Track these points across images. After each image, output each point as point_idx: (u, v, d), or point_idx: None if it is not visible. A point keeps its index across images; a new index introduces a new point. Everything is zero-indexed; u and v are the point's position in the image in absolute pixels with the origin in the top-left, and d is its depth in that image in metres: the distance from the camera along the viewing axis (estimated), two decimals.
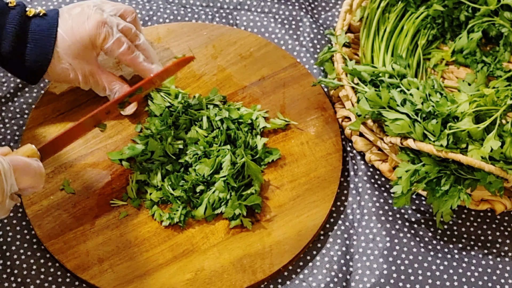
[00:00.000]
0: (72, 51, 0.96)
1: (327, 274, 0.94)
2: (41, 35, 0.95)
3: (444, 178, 0.90)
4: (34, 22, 0.96)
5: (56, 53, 0.95)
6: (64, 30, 0.96)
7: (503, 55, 1.11)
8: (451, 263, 0.95)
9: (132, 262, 0.92)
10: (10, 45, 0.94)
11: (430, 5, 1.12)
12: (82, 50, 0.96)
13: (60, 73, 0.97)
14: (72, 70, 0.97)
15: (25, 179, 0.82)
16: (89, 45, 0.96)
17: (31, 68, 0.96)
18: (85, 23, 0.96)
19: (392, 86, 0.95)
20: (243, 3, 1.19)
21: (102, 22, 0.96)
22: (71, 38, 0.95)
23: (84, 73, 0.98)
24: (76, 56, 0.96)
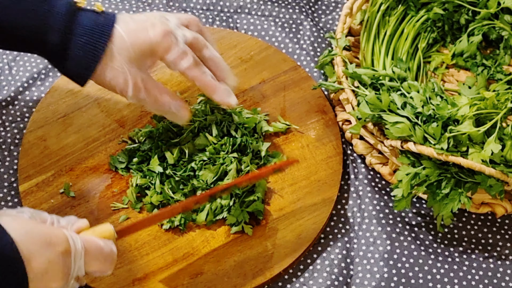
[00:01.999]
0: (129, 54, 0.85)
1: (327, 277, 0.94)
2: (94, 30, 0.84)
3: (444, 181, 0.90)
4: (87, 15, 0.86)
5: (109, 51, 0.85)
6: (124, 30, 0.86)
7: (503, 58, 1.11)
8: (452, 266, 0.95)
9: (132, 265, 0.92)
10: (56, 37, 0.83)
11: (430, 8, 1.12)
12: (140, 56, 0.86)
13: (110, 76, 0.86)
14: (123, 74, 0.86)
15: (95, 264, 0.75)
16: (148, 53, 0.87)
17: (79, 66, 0.85)
18: (149, 29, 0.86)
19: (393, 89, 0.95)
20: (243, 6, 1.19)
21: (168, 31, 0.87)
22: (131, 40, 0.85)
23: (136, 80, 0.87)
24: (131, 60, 0.86)
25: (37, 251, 0.69)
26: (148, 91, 0.88)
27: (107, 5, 1.17)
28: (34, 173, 0.98)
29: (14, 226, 0.69)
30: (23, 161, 0.99)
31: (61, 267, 0.71)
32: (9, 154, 1.02)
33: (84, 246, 0.74)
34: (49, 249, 0.70)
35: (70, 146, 1.01)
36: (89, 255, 0.74)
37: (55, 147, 1.01)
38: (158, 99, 0.89)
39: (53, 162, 0.99)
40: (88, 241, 0.75)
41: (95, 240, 0.76)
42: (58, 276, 0.71)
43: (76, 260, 0.73)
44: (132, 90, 0.87)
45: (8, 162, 1.02)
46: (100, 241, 0.76)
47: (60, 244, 0.72)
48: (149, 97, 0.89)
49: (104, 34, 0.85)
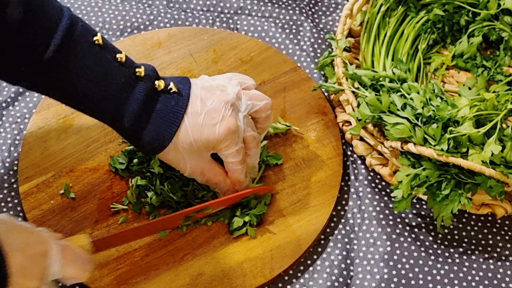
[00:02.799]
0: (192, 147, 0.87)
1: (327, 278, 0.94)
2: (164, 120, 0.86)
3: (444, 182, 0.90)
4: (161, 101, 0.86)
5: (174, 143, 0.87)
6: (191, 124, 0.87)
7: (503, 59, 1.11)
8: (452, 267, 0.95)
9: (133, 266, 0.92)
10: (130, 122, 0.86)
11: (430, 9, 1.12)
12: (202, 149, 0.89)
13: (171, 160, 0.90)
14: (183, 161, 0.89)
15: (70, 269, 0.77)
16: (210, 146, 0.88)
17: (146, 148, 0.88)
18: (217, 125, 0.87)
19: (393, 90, 0.95)
20: (243, 7, 1.19)
21: (234, 130, 0.87)
22: (196, 136, 0.87)
23: (193, 167, 0.90)
24: (192, 152, 0.88)
25: (18, 248, 0.71)
26: (203, 175, 0.92)
27: (107, 6, 1.17)
28: (34, 174, 0.98)
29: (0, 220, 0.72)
30: (23, 162, 0.99)
31: (37, 267, 0.73)
32: (9, 155, 1.02)
33: (61, 250, 0.76)
34: (30, 248, 0.72)
35: (70, 147, 1.01)
36: (66, 259, 0.76)
37: (55, 148, 1.01)
38: (210, 180, 0.93)
39: (53, 163, 0.99)
40: (65, 247, 0.77)
41: (72, 247, 0.79)
42: (36, 276, 0.73)
43: (53, 263, 0.75)
44: (188, 174, 0.91)
45: (8, 163, 1.02)
46: (76, 248, 0.80)
47: (40, 244, 0.74)
48: (203, 178, 0.92)
49: (172, 126, 0.86)
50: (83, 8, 1.17)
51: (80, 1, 1.18)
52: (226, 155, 0.90)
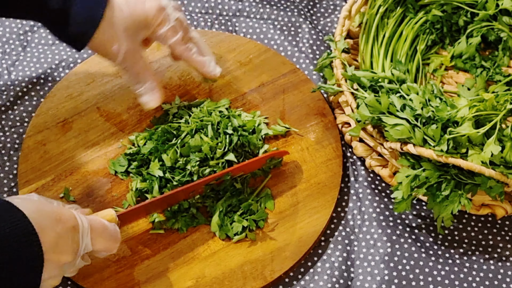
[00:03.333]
0: (126, 22, 0.89)
1: (328, 280, 0.94)
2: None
3: (444, 183, 0.90)
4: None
5: (107, 18, 0.88)
6: (121, 1, 0.90)
7: (502, 59, 1.11)
8: (452, 268, 0.95)
9: (133, 269, 0.92)
10: (57, 3, 0.86)
11: (428, 10, 1.12)
12: (135, 26, 0.91)
13: (105, 41, 0.90)
14: (117, 41, 0.90)
15: (100, 241, 0.81)
16: (142, 25, 0.91)
17: (78, 31, 0.89)
18: (145, 2, 0.91)
19: (392, 91, 0.95)
20: (242, 9, 1.19)
21: (162, 7, 0.92)
22: (129, 10, 0.89)
23: (128, 49, 0.91)
24: (127, 28, 0.90)
25: (47, 226, 0.74)
26: (135, 63, 0.93)
27: None
28: (34, 178, 0.98)
29: (25, 205, 0.74)
30: (23, 166, 0.99)
31: (70, 242, 0.76)
32: (8, 159, 1.02)
33: (90, 224, 0.79)
34: (59, 224, 0.75)
35: (69, 150, 1.01)
36: (95, 232, 0.80)
37: (55, 151, 1.01)
38: (140, 72, 0.94)
39: (53, 167, 0.99)
40: (94, 220, 0.81)
41: (100, 220, 0.82)
42: (68, 250, 0.76)
43: (84, 236, 0.78)
44: (122, 56, 0.91)
45: (7, 167, 1.02)
46: (105, 221, 0.83)
47: (69, 220, 0.77)
48: (133, 68, 0.93)
49: (101, 1, 0.87)
50: None
51: None
52: (165, 36, 0.93)
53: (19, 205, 0.74)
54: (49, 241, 0.73)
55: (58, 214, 0.76)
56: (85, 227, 0.78)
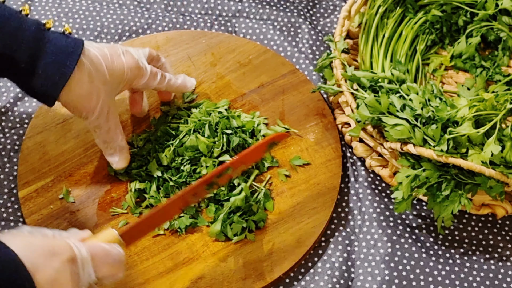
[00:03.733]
0: (104, 76, 0.85)
1: (328, 280, 0.93)
2: (64, 49, 0.83)
3: (444, 183, 0.90)
4: (56, 36, 0.84)
5: (82, 70, 0.83)
6: (100, 53, 0.86)
7: (502, 59, 1.11)
8: (453, 268, 0.95)
9: (133, 270, 0.91)
10: (25, 55, 0.81)
11: (428, 10, 1.12)
12: (114, 80, 0.87)
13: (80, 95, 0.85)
14: (96, 95, 0.85)
15: (104, 268, 0.75)
16: (120, 79, 0.88)
17: (46, 85, 0.83)
18: (121, 57, 0.88)
19: (392, 91, 0.95)
20: (241, 10, 1.19)
21: (137, 60, 0.90)
22: (107, 63, 0.86)
23: (104, 104, 0.87)
24: (106, 83, 0.86)
25: (41, 263, 0.69)
26: (108, 120, 0.89)
27: (105, 10, 1.18)
28: (33, 179, 0.98)
29: (15, 242, 0.69)
30: (22, 167, 0.99)
31: (69, 275, 0.71)
32: (8, 161, 1.02)
33: (90, 252, 0.74)
34: (54, 258, 0.70)
35: (69, 151, 1.01)
36: (97, 260, 0.74)
37: (54, 152, 1.01)
38: (111, 130, 0.91)
39: (52, 168, 0.99)
40: (93, 246, 0.75)
41: (100, 244, 0.76)
42: (68, 284, 0.71)
43: (84, 266, 0.72)
44: (98, 113, 0.87)
45: (7, 169, 1.01)
46: (105, 244, 0.76)
47: (64, 252, 0.71)
48: (106, 125, 0.90)
49: (74, 53, 0.83)
50: (81, 13, 1.17)
51: (78, 5, 1.18)
52: (146, 84, 0.92)
53: (9, 243, 0.69)
54: (45, 278, 0.69)
55: (52, 247, 0.71)
56: (84, 256, 0.73)
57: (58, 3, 1.18)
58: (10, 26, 0.81)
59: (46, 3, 1.18)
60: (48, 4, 1.18)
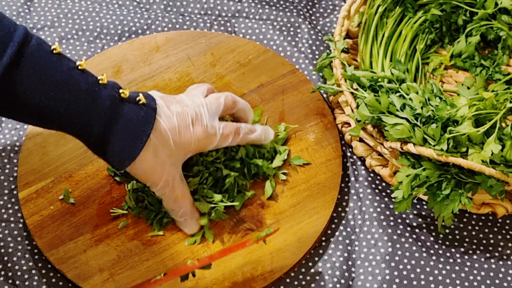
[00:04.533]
0: (170, 149, 0.85)
1: (329, 280, 0.93)
2: (134, 128, 0.83)
3: (445, 182, 0.90)
4: (129, 109, 0.83)
5: (151, 144, 0.83)
6: (169, 127, 0.85)
7: (501, 58, 1.11)
8: (453, 267, 0.95)
9: (133, 271, 0.91)
10: (98, 130, 0.82)
11: (428, 9, 1.12)
12: (180, 152, 0.87)
13: (147, 167, 0.85)
14: (160, 168, 0.86)
15: None
16: (189, 150, 0.87)
17: (115, 159, 0.84)
18: (189, 127, 0.87)
19: (391, 91, 0.95)
20: (241, 10, 1.19)
21: (206, 129, 0.88)
22: (175, 137, 0.85)
23: (169, 177, 0.87)
24: (171, 155, 0.86)
25: None
26: (173, 189, 0.89)
27: (104, 10, 1.18)
28: (33, 180, 0.98)
29: None
30: (23, 168, 0.99)
31: None
32: (8, 161, 1.02)
33: None
34: None
35: (69, 152, 1.01)
36: None
37: (54, 153, 1.01)
38: (178, 200, 0.90)
39: (53, 169, 0.99)
40: None
41: None
42: None
43: None
44: (162, 185, 0.87)
45: (7, 170, 1.01)
46: None
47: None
48: (172, 194, 0.89)
49: (145, 132, 0.83)
50: (80, 13, 1.17)
51: (78, 6, 1.18)
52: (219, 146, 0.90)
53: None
54: None
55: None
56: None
57: (57, 3, 1.18)
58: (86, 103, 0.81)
59: (45, 3, 1.18)
60: (48, 5, 1.18)
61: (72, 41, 1.14)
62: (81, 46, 1.14)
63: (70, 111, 0.81)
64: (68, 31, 1.15)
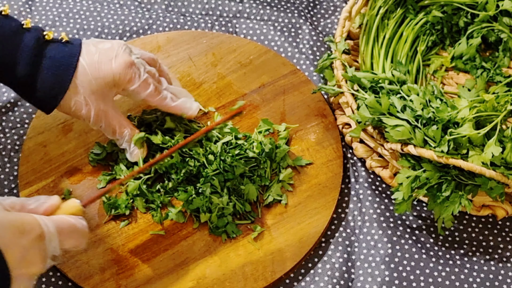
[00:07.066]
0: (92, 86, 0.88)
1: (328, 281, 0.94)
2: (60, 63, 0.87)
3: (445, 184, 0.90)
4: (53, 47, 0.88)
5: (73, 85, 0.87)
6: (88, 62, 0.88)
7: (502, 60, 1.11)
8: (453, 269, 0.95)
9: (133, 271, 0.92)
10: (24, 70, 0.85)
11: (429, 11, 1.12)
12: (102, 87, 0.89)
13: (73, 107, 0.89)
14: (86, 106, 0.89)
15: (69, 242, 0.77)
16: (111, 84, 0.89)
17: (45, 97, 0.88)
18: (113, 60, 0.89)
19: (392, 92, 0.95)
20: (242, 11, 1.19)
21: (130, 63, 0.90)
22: (94, 73, 0.88)
23: (98, 111, 0.90)
24: (94, 92, 0.89)
25: (11, 241, 0.70)
26: (108, 122, 0.92)
27: (106, 10, 1.18)
28: (34, 179, 0.98)
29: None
30: (24, 168, 0.99)
31: (37, 252, 0.72)
32: (9, 161, 1.02)
33: (57, 227, 0.75)
34: (23, 237, 0.71)
35: (70, 152, 1.01)
36: (63, 234, 0.76)
37: (55, 153, 1.01)
38: (115, 130, 0.93)
39: (54, 168, 0.99)
40: (60, 221, 0.76)
41: (67, 219, 0.77)
42: (37, 261, 0.72)
43: (51, 241, 0.74)
44: (94, 120, 0.90)
45: (8, 169, 1.02)
46: (71, 218, 0.78)
47: (33, 230, 0.72)
48: (108, 127, 0.92)
49: (69, 68, 0.87)
50: (82, 13, 1.17)
51: (79, 5, 1.18)
52: (136, 92, 0.91)
53: None
54: (15, 257, 0.70)
55: (21, 225, 0.72)
56: (51, 232, 0.74)
57: (58, 3, 1.18)
58: (11, 44, 0.85)
59: (47, 3, 1.18)
60: (49, 4, 1.18)
61: None
62: None
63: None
64: (69, 30, 1.15)
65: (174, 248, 0.93)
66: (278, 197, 0.97)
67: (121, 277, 0.91)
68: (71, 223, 0.78)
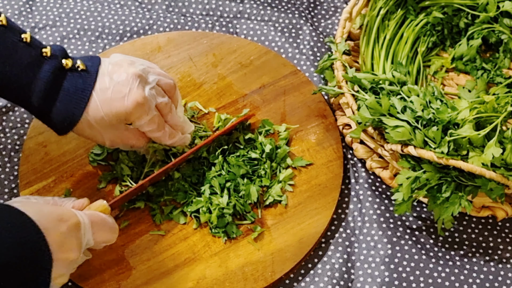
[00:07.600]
0: (104, 121, 0.89)
1: (328, 282, 0.94)
2: (72, 97, 0.87)
3: (445, 185, 0.90)
4: (68, 79, 0.87)
5: (85, 119, 0.88)
6: (100, 99, 0.88)
7: (503, 61, 1.11)
8: (453, 270, 0.95)
9: (134, 271, 0.92)
10: (38, 101, 0.86)
11: (429, 12, 1.12)
12: (113, 121, 0.89)
13: (86, 135, 0.91)
14: (100, 136, 0.91)
15: (101, 235, 0.84)
16: (122, 119, 0.89)
17: (58, 125, 0.89)
18: (125, 98, 0.88)
19: (392, 93, 0.96)
20: (243, 11, 1.19)
21: (142, 101, 0.88)
22: (106, 110, 0.88)
23: (112, 137, 0.93)
24: (106, 125, 0.90)
25: (51, 227, 0.76)
26: (125, 143, 0.95)
27: (106, 10, 1.18)
28: (34, 179, 0.98)
29: (26, 208, 0.76)
30: (24, 168, 0.99)
31: (74, 240, 0.79)
32: (9, 160, 1.02)
33: (91, 220, 0.83)
34: (62, 224, 0.78)
35: (70, 152, 1.01)
36: (96, 227, 0.83)
37: (56, 153, 1.01)
38: (134, 146, 0.96)
39: (54, 168, 0.99)
40: (93, 215, 0.84)
41: (98, 214, 0.85)
42: (74, 248, 0.79)
43: (86, 232, 0.81)
44: (109, 145, 0.94)
45: (8, 169, 1.02)
46: (102, 214, 0.86)
47: (70, 219, 0.79)
48: (126, 147, 0.95)
49: (80, 102, 0.87)
50: (82, 13, 1.17)
51: (79, 5, 1.18)
52: (141, 126, 0.92)
53: (21, 208, 0.75)
54: (55, 241, 0.76)
55: (60, 214, 0.78)
56: (86, 223, 0.81)
57: (59, 3, 1.18)
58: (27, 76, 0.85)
59: (47, 3, 1.18)
60: (49, 4, 1.18)
61: (73, 41, 1.14)
62: (82, 46, 1.14)
63: (12, 84, 0.85)
64: (69, 30, 1.15)
65: (174, 248, 0.94)
66: (278, 197, 0.97)
67: (121, 277, 0.91)
68: (103, 217, 0.85)
